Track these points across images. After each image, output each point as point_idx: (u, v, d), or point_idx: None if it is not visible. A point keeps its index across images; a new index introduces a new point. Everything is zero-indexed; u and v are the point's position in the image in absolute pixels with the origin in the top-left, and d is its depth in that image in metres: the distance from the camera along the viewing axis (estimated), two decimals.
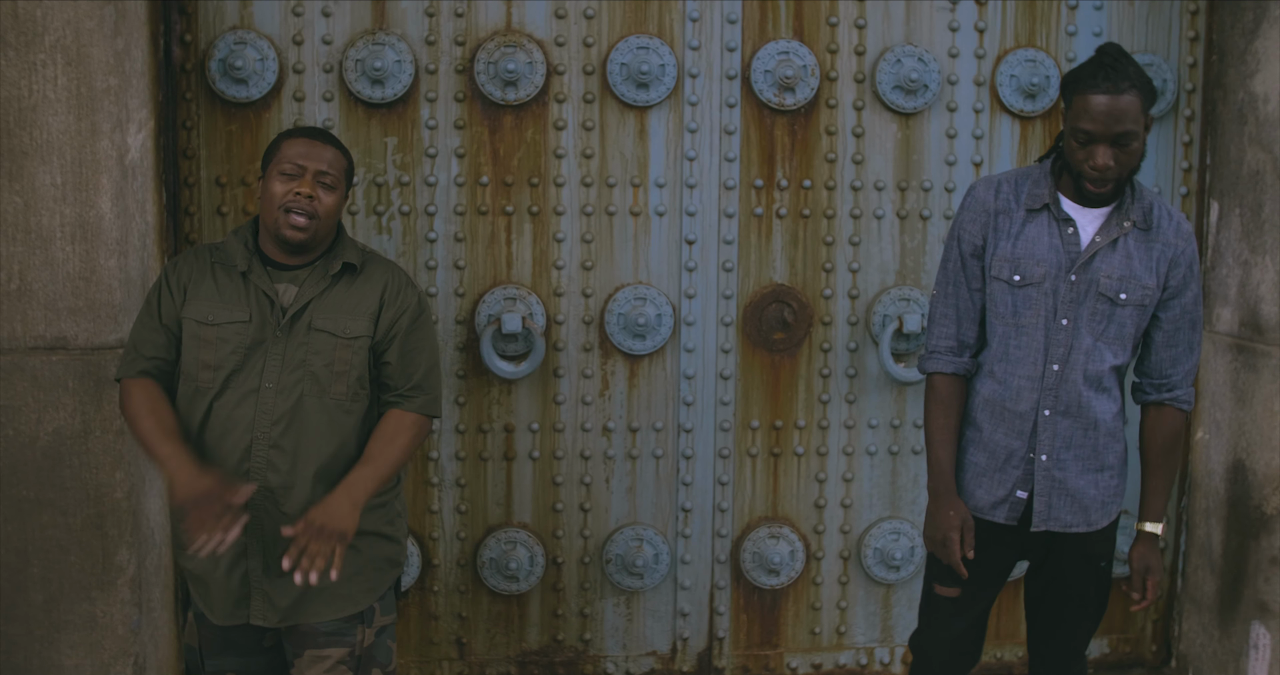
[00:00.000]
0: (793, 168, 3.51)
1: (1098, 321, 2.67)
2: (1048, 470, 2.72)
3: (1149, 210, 2.69)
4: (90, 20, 2.93)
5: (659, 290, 3.49)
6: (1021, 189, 2.73)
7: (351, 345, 2.70)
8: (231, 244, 2.75)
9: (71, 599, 3.06)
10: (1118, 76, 2.54)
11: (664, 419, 3.55)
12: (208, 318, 2.68)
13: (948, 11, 3.53)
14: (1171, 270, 2.69)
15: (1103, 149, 2.55)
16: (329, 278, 2.72)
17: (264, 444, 2.65)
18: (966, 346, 2.80)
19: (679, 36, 3.43)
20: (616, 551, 3.56)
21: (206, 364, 2.67)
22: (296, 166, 2.66)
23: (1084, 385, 2.69)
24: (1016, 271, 2.68)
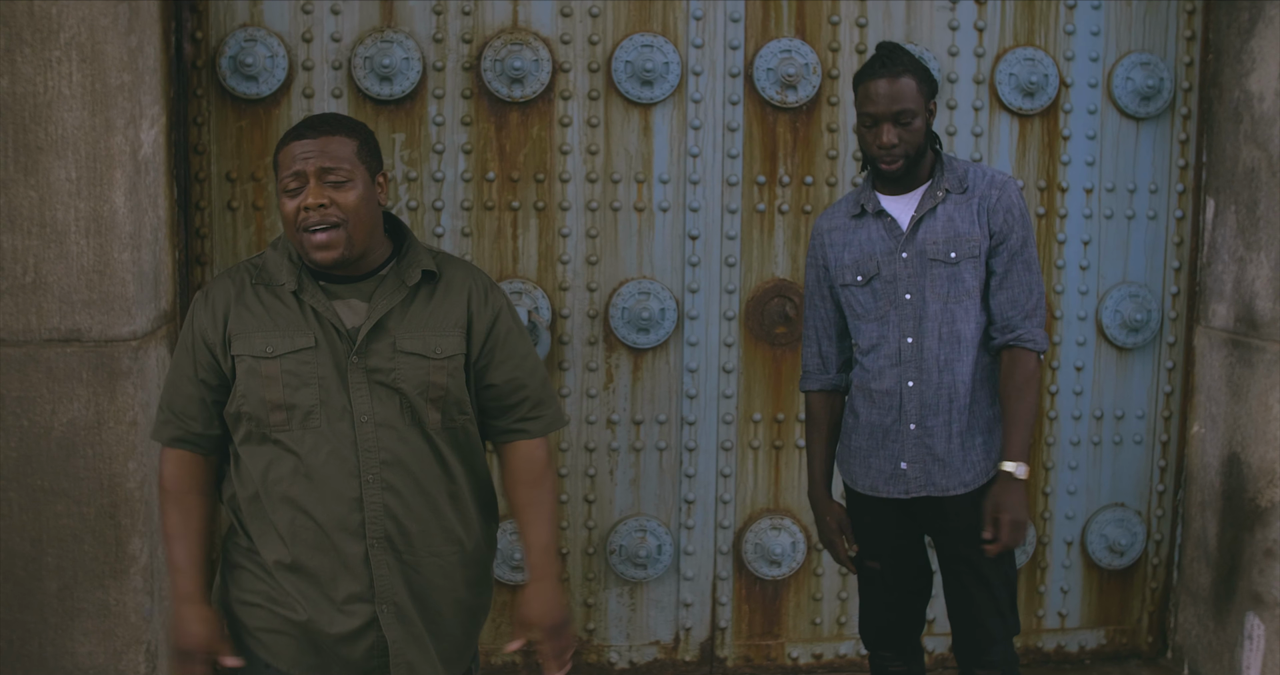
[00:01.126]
0: (794, 164, 3.56)
1: (939, 285, 2.79)
2: (919, 439, 2.82)
3: (963, 176, 2.83)
4: (105, 18, 2.98)
5: (662, 285, 3.54)
6: (847, 203, 2.92)
7: (446, 366, 2.31)
8: (273, 260, 2.35)
9: (85, 587, 3.11)
10: (892, 63, 2.74)
11: (667, 412, 3.60)
12: (265, 349, 2.28)
13: (948, 10, 3.58)
14: (991, 217, 2.79)
15: (886, 127, 2.73)
16: (406, 289, 2.32)
17: (377, 487, 2.28)
18: (831, 362, 2.97)
19: (683, 35, 3.48)
20: (620, 542, 3.61)
21: (275, 403, 2.27)
22: (294, 175, 2.26)
23: (940, 350, 2.79)
24: (859, 272, 2.84)
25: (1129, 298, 3.72)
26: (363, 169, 2.30)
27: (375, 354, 2.29)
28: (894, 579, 2.94)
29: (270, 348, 2.29)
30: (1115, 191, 3.71)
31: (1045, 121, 3.65)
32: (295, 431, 2.28)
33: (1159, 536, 3.86)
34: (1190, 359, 3.77)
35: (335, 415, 2.28)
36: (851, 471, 2.93)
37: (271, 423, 2.29)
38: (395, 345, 2.30)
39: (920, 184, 2.84)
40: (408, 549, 2.33)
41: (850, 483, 2.94)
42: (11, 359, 3.02)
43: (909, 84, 2.74)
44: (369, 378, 2.29)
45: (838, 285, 2.90)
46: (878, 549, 2.93)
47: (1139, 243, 3.74)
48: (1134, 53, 3.65)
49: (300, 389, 2.28)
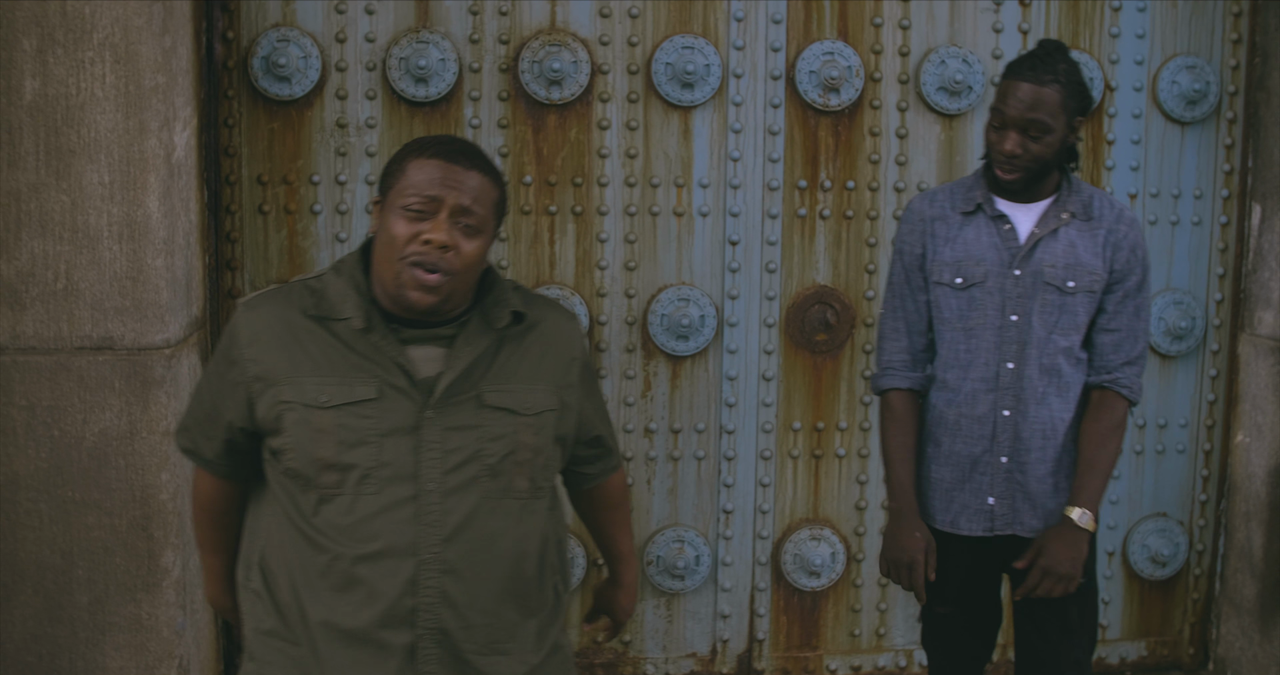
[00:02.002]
0: (836, 169, 3.50)
1: (1049, 313, 2.63)
2: (1009, 473, 2.66)
3: (1088, 202, 2.67)
4: (139, 18, 2.91)
5: (702, 291, 3.47)
6: (956, 195, 2.72)
7: (535, 424, 2.01)
8: (335, 289, 2.01)
9: (116, 601, 3.04)
10: (1044, 68, 2.55)
11: (706, 420, 3.54)
12: (319, 398, 1.94)
13: (991, 13, 3.51)
14: (1115, 254, 2.65)
15: (1012, 134, 2.56)
16: (493, 334, 2.02)
17: (434, 570, 1.94)
18: (919, 361, 2.76)
19: (724, 36, 3.41)
20: (658, 553, 3.54)
21: (328, 463, 1.94)
22: (427, 200, 1.93)
23: (1041, 380, 2.63)
24: (959, 274, 2.66)
25: (1173, 305, 3.67)
26: (493, 224, 2.02)
27: (456, 409, 1.97)
28: (966, 620, 2.81)
29: (325, 397, 1.94)
30: (1159, 197, 3.65)
31: (1090, 126, 3.59)
32: (347, 497, 1.95)
33: (1201, 547, 3.81)
34: (1234, 367, 3.71)
35: (396, 480, 1.94)
36: (929, 506, 2.75)
37: (321, 484, 1.95)
38: (480, 399, 1.98)
39: (1041, 198, 2.66)
40: (469, 645, 1.99)
41: (927, 519, 2.75)
42: (42, 367, 2.95)
43: (1052, 95, 2.54)
44: (444, 437, 1.95)
45: (930, 280, 2.70)
46: (949, 591, 2.76)
47: (1183, 249, 3.68)
48: (1180, 56, 3.59)
49: (356, 448, 1.94)
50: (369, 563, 1.95)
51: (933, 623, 2.88)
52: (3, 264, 2.93)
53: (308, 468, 1.96)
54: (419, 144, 2.02)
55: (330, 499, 1.96)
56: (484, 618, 1.99)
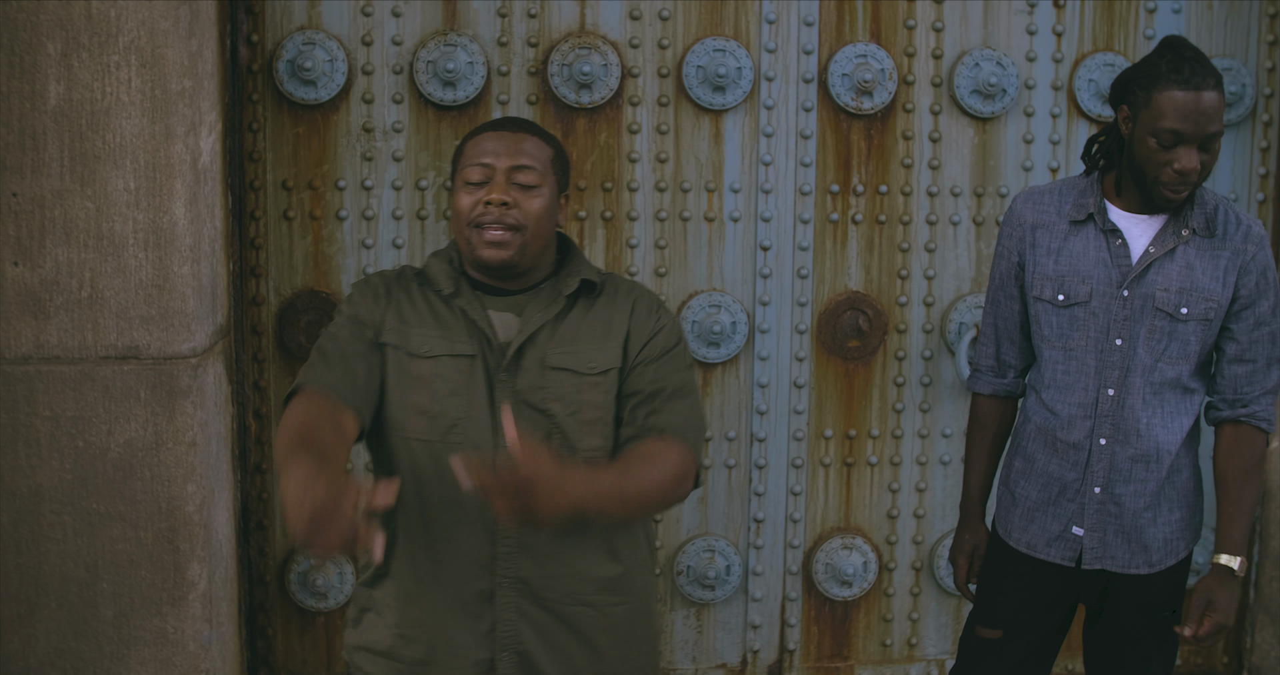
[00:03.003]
0: (869, 173, 3.45)
1: (1157, 340, 2.44)
2: (1102, 504, 2.51)
3: (1213, 215, 2.46)
4: (165, 21, 2.85)
5: (733, 297, 3.42)
6: (1065, 200, 2.52)
7: (602, 382, 2.09)
8: (434, 266, 2.19)
9: (142, 614, 2.98)
10: (1204, 72, 2.33)
11: (737, 428, 3.49)
12: (421, 348, 2.09)
13: (1025, 14, 3.46)
14: (1241, 278, 2.44)
15: (1189, 151, 2.33)
16: (562, 300, 2.14)
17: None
18: (1008, 366, 2.66)
19: (755, 39, 3.36)
20: (688, 563, 3.49)
21: (421, 408, 2.07)
22: (482, 167, 2.10)
23: (1143, 410, 2.46)
24: (1060, 290, 2.48)
25: None
26: (553, 179, 2.16)
27: (525, 371, 2.08)
28: (1015, 649, 2.63)
29: (427, 347, 2.09)
30: None
31: None
32: (435, 444, 2.06)
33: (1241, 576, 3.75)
34: None
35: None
36: (1009, 522, 2.63)
37: (409, 428, 2.07)
38: (544, 361, 2.09)
39: (1162, 210, 2.45)
40: (549, 594, 2.08)
41: (1003, 534, 2.65)
42: (66, 377, 2.90)
43: (1218, 100, 2.32)
44: (516, 398, 2.07)
45: (1029, 294, 2.52)
46: (1003, 614, 2.63)
47: None
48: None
49: (450, 397, 2.07)
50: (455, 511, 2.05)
51: (974, 648, 2.70)
52: (26, 272, 2.87)
53: (398, 411, 2.08)
54: (476, 128, 2.23)
55: (419, 446, 2.07)
56: (563, 568, 2.07)
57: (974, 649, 2.71)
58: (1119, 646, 2.62)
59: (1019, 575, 2.63)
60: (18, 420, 2.90)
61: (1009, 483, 2.66)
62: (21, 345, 2.89)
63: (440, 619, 2.10)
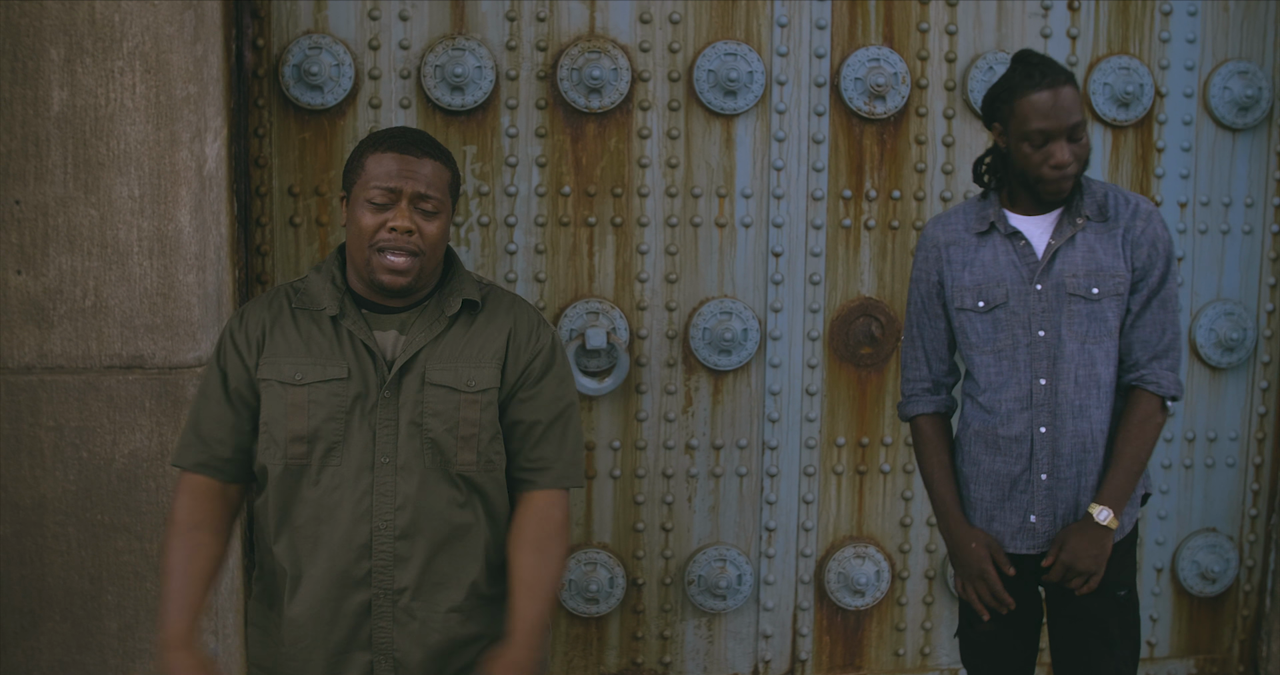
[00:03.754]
0: (881, 178, 3.41)
1: (1078, 323, 2.59)
2: (1050, 490, 2.62)
3: (1103, 201, 2.62)
4: (170, 26, 2.81)
5: (745, 304, 3.38)
6: (969, 217, 2.69)
7: (479, 400, 2.19)
8: (315, 284, 2.25)
9: (147, 627, 2.94)
10: (1052, 71, 2.52)
11: (748, 436, 3.44)
12: (294, 376, 2.18)
13: (1040, 17, 3.42)
14: (1135, 251, 2.60)
15: (1060, 145, 2.51)
16: (445, 319, 2.23)
17: (388, 535, 2.17)
18: (942, 385, 2.76)
19: (767, 42, 3.32)
20: (699, 572, 3.45)
21: (297, 435, 2.16)
22: (387, 191, 2.15)
23: (1077, 393, 2.59)
24: (980, 298, 2.63)
25: (1224, 315, 3.58)
26: (449, 203, 2.25)
27: (406, 388, 2.19)
28: (1009, 635, 2.76)
29: (299, 375, 2.19)
30: (1210, 205, 3.56)
31: (1139, 133, 3.50)
32: (314, 468, 2.18)
33: (1251, 563, 3.72)
34: None
35: (356, 453, 2.18)
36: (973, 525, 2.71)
37: (290, 455, 2.18)
38: (425, 377, 2.19)
39: (1055, 207, 2.62)
40: (420, 603, 2.20)
41: None
42: (70, 387, 2.86)
43: (1073, 93, 2.52)
44: (397, 415, 2.18)
45: (952, 308, 2.68)
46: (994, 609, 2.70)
47: (1234, 258, 3.59)
48: (1231, 61, 3.50)
49: (325, 422, 2.17)
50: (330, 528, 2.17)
51: (973, 641, 2.84)
52: (30, 281, 2.84)
53: (279, 438, 2.18)
54: (374, 139, 2.23)
55: (298, 470, 2.18)
56: (435, 581, 2.20)
57: (973, 641, 2.83)
58: (1082, 632, 2.68)
59: None
60: (21, 431, 2.86)
61: (962, 490, 2.74)
62: (25, 355, 2.85)
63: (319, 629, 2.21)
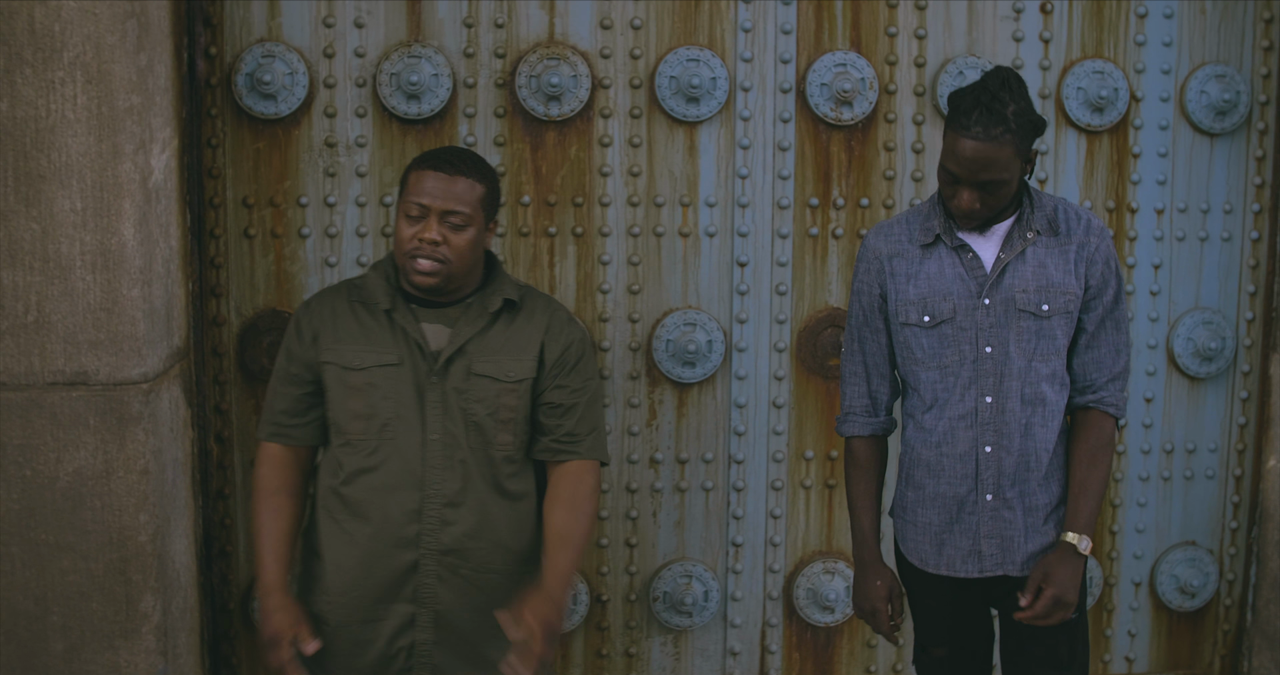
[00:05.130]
0: (849, 186, 3.34)
1: (1026, 340, 2.51)
2: (995, 510, 2.55)
3: (1053, 215, 2.54)
4: (112, 35, 2.75)
5: (709, 315, 3.31)
6: (913, 227, 2.59)
7: (516, 389, 2.51)
8: (372, 280, 2.58)
9: (93, 648, 2.88)
10: (992, 120, 2.35)
11: (714, 450, 3.38)
12: (353, 362, 2.51)
13: (1012, 21, 3.35)
14: (1089, 268, 2.53)
15: (967, 192, 2.42)
16: (488, 316, 2.54)
17: (437, 502, 2.49)
18: (880, 404, 2.68)
19: (730, 48, 3.25)
20: (664, 589, 3.38)
21: (357, 413, 2.50)
22: (420, 207, 2.46)
23: (1023, 412, 2.52)
24: (926, 312, 2.53)
25: (1202, 324, 3.50)
26: (481, 215, 2.50)
27: (453, 375, 2.49)
28: (962, 659, 2.70)
29: (357, 361, 2.49)
30: (1187, 212, 3.48)
31: (1114, 138, 3.43)
32: (371, 441, 2.49)
33: (1232, 576, 3.65)
34: (1266, 389, 3.54)
35: (409, 430, 2.48)
36: (920, 551, 2.64)
37: (350, 431, 2.50)
38: (470, 368, 2.49)
39: (1003, 219, 2.53)
40: (464, 563, 2.51)
41: (920, 564, 2.65)
42: (12, 404, 2.80)
43: (1004, 150, 2.36)
44: (444, 398, 2.48)
45: (895, 322, 2.58)
46: (943, 634, 2.67)
47: (1212, 266, 3.52)
48: (1208, 64, 3.43)
49: (380, 402, 2.48)
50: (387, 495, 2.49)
51: (928, 665, 2.79)
52: None
53: (340, 417, 2.51)
54: (418, 158, 2.55)
55: (359, 445, 2.50)
56: (476, 542, 2.50)
57: (927, 666, 2.78)
58: (1030, 654, 2.63)
59: (941, 596, 2.65)
60: None
61: (906, 513, 2.66)
62: None
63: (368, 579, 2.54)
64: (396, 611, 2.54)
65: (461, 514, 2.51)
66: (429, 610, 2.53)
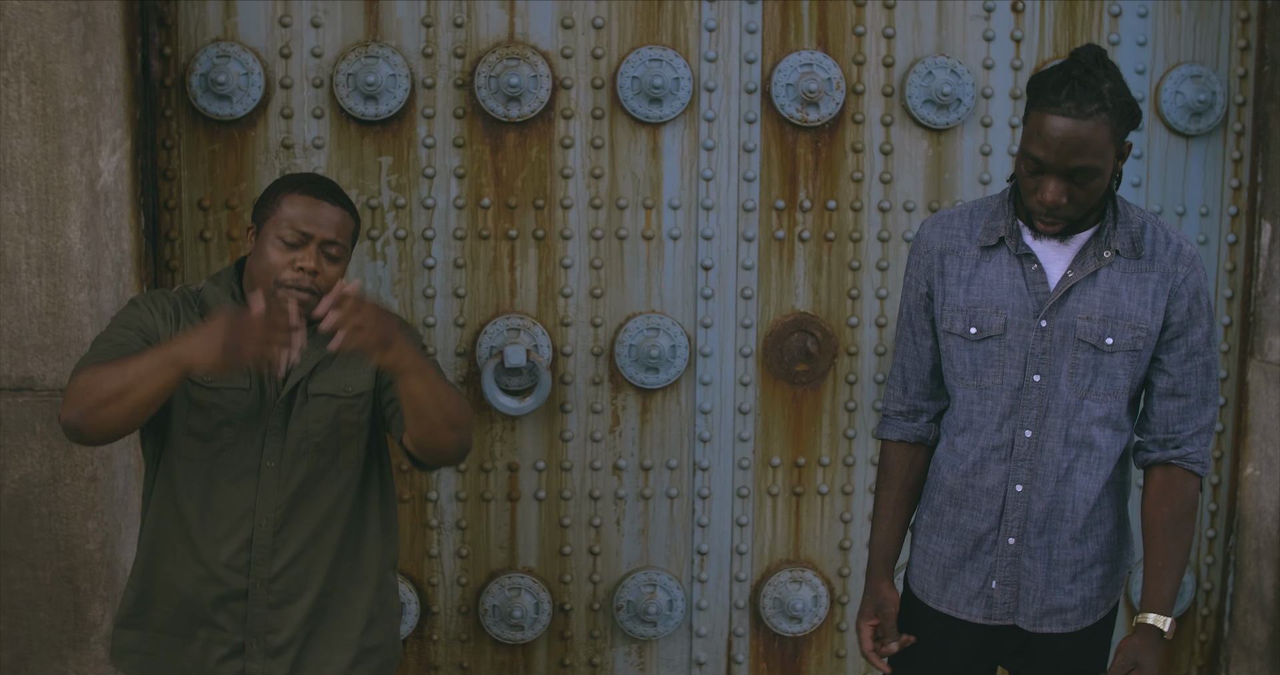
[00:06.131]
0: (816, 188, 3.28)
1: (1081, 375, 2.23)
2: (1016, 556, 2.30)
3: (1138, 234, 2.22)
4: (56, 35, 2.71)
5: (673, 319, 3.25)
6: (976, 222, 2.29)
7: (356, 403, 2.37)
8: (213, 295, 2.38)
9: (41, 658, 2.84)
10: (1085, 95, 2.05)
11: (679, 457, 3.32)
12: (206, 377, 2.26)
13: (982, 20, 3.29)
14: (1172, 303, 2.22)
15: (1054, 182, 2.09)
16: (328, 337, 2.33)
17: (267, 532, 2.32)
18: (920, 411, 2.42)
19: (694, 47, 3.20)
20: (628, 598, 3.33)
21: (195, 431, 2.30)
22: (299, 234, 2.30)
23: (1064, 454, 2.25)
24: (972, 323, 2.26)
25: None
26: (349, 251, 2.42)
27: (296, 398, 2.34)
28: None
29: (210, 377, 2.27)
30: (1163, 214, 3.42)
31: None
32: (204, 464, 2.31)
33: (1209, 586, 3.58)
34: (1244, 395, 3.48)
35: (247, 456, 2.32)
36: (924, 582, 2.41)
37: (185, 449, 2.32)
38: (309, 388, 2.35)
39: (1082, 229, 2.21)
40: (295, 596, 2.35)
41: (920, 595, 2.43)
42: None
43: (1099, 130, 2.05)
44: (284, 420, 2.33)
45: (939, 328, 2.30)
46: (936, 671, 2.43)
47: None
48: (1184, 65, 3.36)
49: (221, 426, 2.30)
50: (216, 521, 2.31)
51: None
52: None
53: (176, 431, 2.30)
54: (290, 181, 2.40)
55: (192, 464, 2.31)
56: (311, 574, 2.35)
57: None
58: None
59: (936, 634, 2.42)
60: None
61: (918, 537, 2.45)
62: None
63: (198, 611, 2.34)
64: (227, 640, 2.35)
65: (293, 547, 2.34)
66: (259, 640, 2.35)
